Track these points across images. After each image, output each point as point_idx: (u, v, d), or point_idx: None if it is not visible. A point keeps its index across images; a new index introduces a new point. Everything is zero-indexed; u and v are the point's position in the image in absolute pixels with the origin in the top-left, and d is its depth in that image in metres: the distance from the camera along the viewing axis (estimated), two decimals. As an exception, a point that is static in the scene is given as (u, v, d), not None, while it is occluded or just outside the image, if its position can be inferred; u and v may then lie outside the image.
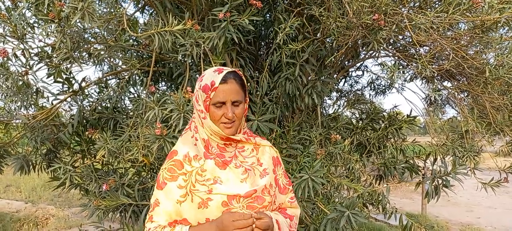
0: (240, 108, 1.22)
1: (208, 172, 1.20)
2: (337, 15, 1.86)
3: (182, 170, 1.21)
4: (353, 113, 3.90)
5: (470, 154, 2.83)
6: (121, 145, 2.09)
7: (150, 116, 1.73)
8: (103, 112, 2.62)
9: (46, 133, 2.56)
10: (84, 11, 1.31)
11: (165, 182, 1.21)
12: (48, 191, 7.85)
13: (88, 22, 1.34)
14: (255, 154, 1.30)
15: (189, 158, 1.22)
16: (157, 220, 1.21)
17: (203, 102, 1.21)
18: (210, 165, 1.21)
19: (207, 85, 1.20)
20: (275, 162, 1.35)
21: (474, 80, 2.79)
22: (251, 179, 1.23)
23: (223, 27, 1.83)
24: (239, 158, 1.26)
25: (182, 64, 2.63)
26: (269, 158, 1.33)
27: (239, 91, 1.21)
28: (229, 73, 1.21)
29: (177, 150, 1.26)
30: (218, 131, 1.21)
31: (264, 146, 1.34)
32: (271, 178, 1.28)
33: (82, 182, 2.31)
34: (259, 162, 1.29)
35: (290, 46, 2.08)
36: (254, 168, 1.27)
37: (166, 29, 1.53)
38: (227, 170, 1.22)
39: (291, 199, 1.38)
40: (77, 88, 2.61)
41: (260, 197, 1.21)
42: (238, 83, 1.21)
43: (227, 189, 1.18)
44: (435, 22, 2.02)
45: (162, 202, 1.20)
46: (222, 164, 1.22)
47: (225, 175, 1.21)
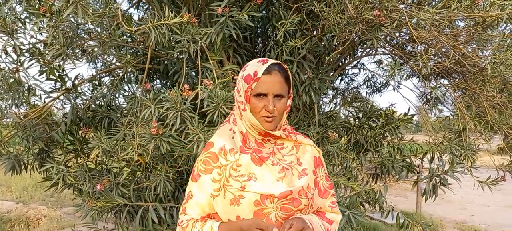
0: (282, 103, 1.16)
1: (243, 167, 1.16)
2: (338, 11, 1.83)
3: (217, 163, 1.18)
4: (350, 112, 3.88)
5: (468, 153, 2.82)
6: (115, 144, 2.03)
7: (146, 114, 1.68)
8: (97, 111, 2.56)
9: (38, 131, 2.49)
10: (76, 4, 1.25)
11: (199, 174, 1.18)
12: (40, 190, 7.74)
13: (82, 17, 1.29)
14: (295, 152, 1.23)
15: (224, 151, 1.19)
16: (190, 213, 1.18)
17: (244, 93, 1.15)
18: (246, 160, 1.16)
19: (250, 75, 1.14)
20: (317, 163, 1.27)
21: (472, 78, 2.78)
22: (288, 178, 1.16)
23: (222, 23, 1.79)
24: (277, 155, 1.20)
25: (178, 61, 2.58)
26: (310, 157, 1.25)
27: (282, 85, 1.16)
28: (274, 65, 1.15)
29: (213, 142, 1.22)
30: (257, 124, 1.15)
31: (306, 145, 1.27)
32: (310, 179, 1.21)
33: (75, 182, 2.25)
34: (299, 161, 1.22)
35: (290, 43, 2.04)
36: (293, 167, 1.20)
37: (162, 22, 1.48)
38: (263, 166, 1.16)
39: (332, 203, 1.30)
40: (70, 86, 2.55)
41: (296, 199, 1.14)
42: (282, 76, 1.16)
43: (261, 188, 1.13)
44: (436, 18, 2.00)
45: (196, 194, 1.17)
46: (259, 160, 1.17)
47: (260, 172, 1.15)
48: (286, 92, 1.18)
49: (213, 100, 1.58)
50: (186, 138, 1.68)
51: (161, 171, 2.01)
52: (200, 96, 1.70)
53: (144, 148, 1.77)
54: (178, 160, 2.17)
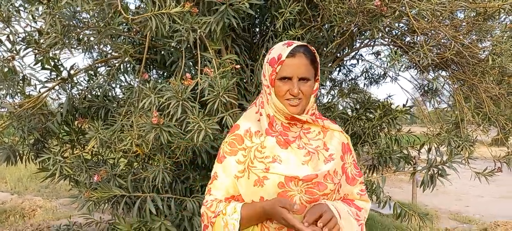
0: (307, 86, 1.14)
1: (268, 149, 1.15)
2: (338, 1, 1.80)
3: (242, 145, 1.18)
4: (348, 103, 3.87)
5: (466, 144, 2.82)
6: (113, 134, 2.01)
7: (146, 104, 1.66)
8: (93, 101, 2.52)
9: (34, 122, 2.45)
10: (75, -9, 1.22)
11: (224, 155, 1.18)
12: (35, 181, 7.69)
13: (80, 4, 1.26)
14: (322, 137, 1.21)
15: (250, 133, 1.19)
16: (214, 194, 1.18)
17: (269, 77, 1.14)
18: (271, 142, 1.16)
19: (274, 58, 1.13)
20: (345, 149, 1.24)
21: (471, 70, 2.77)
22: (313, 162, 1.15)
23: (222, 11, 1.76)
24: (303, 139, 1.19)
25: (175, 51, 2.54)
26: (338, 143, 1.23)
27: (308, 67, 1.14)
28: (299, 47, 1.14)
29: (239, 124, 1.22)
30: (282, 108, 1.14)
31: (334, 130, 1.25)
32: (337, 164, 1.18)
33: (72, 173, 2.22)
34: (325, 146, 1.20)
35: (291, 33, 2.01)
36: (319, 151, 1.18)
37: (163, 11, 1.45)
38: (289, 149, 1.15)
39: (361, 191, 1.27)
40: (66, 76, 2.51)
41: (321, 183, 1.12)
42: (308, 59, 1.14)
43: (286, 170, 1.11)
44: (437, 9, 1.98)
45: (220, 175, 1.18)
46: (284, 143, 1.16)
47: (285, 155, 1.14)
48: (312, 75, 1.16)
49: (214, 89, 1.55)
50: (186, 128, 1.66)
51: (159, 162, 1.99)
52: (200, 85, 1.67)
53: (143, 138, 1.74)
54: (176, 150, 2.15)
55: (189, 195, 2.43)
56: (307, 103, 1.18)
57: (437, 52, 2.53)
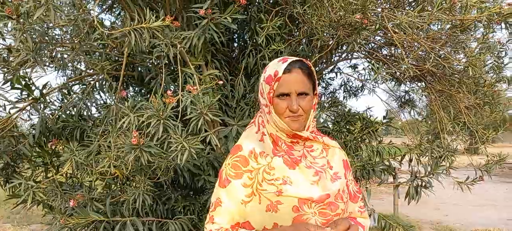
0: (306, 101, 1.10)
1: (277, 171, 1.09)
2: (320, 14, 1.80)
3: (248, 167, 1.11)
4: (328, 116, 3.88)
5: (447, 154, 2.86)
6: (89, 156, 1.90)
7: (125, 123, 1.58)
8: (67, 121, 2.41)
9: (3, 145, 2.31)
10: (48, 6, 1.15)
11: (228, 179, 1.10)
12: (4, 207, 7.31)
13: (53, 19, 1.18)
14: (325, 155, 1.18)
15: (255, 154, 1.12)
16: (218, 222, 1.09)
17: (267, 95, 1.11)
18: (279, 163, 1.10)
19: (271, 76, 1.10)
20: (345, 166, 1.23)
21: (448, 80, 2.83)
22: (322, 182, 1.10)
23: (204, 26, 1.71)
24: (308, 158, 1.15)
25: (154, 67, 2.47)
26: (340, 160, 1.21)
27: (305, 82, 1.10)
28: (295, 62, 1.10)
29: (241, 144, 1.15)
30: (284, 126, 1.10)
31: (334, 147, 1.23)
32: (343, 183, 1.16)
33: (45, 198, 2.09)
34: (330, 165, 1.17)
35: (273, 47, 1.99)
36: (325, 170, 1.14)
37: (143, 26, 1.39)
38: (297, 170, 1.10)
39: (361, 208, 1.26)
40: (38, 95, 2.38)
41: (333, 204, 1.09)
42: (305, 73, 1.11)
43: (298, 192, 1.06)
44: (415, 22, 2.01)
45: (225, 201, 1.09)
46: (291, 163, 1.11)
47: (294, 176, 1.09)
48: (310, 90, 1.13)
49: (197, 107, 1.49)
50: (168, 148, 1.59)
51: (139, 183, 1.90)
52: (181, 103, 1.61)
53: (122, 159, 1.65)
54: (157, 170, 2.06)
55: (170, 217, 2.33)
56: (307, 119, 1.14)
57: (415, 64, 2.57)
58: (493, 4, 1.91)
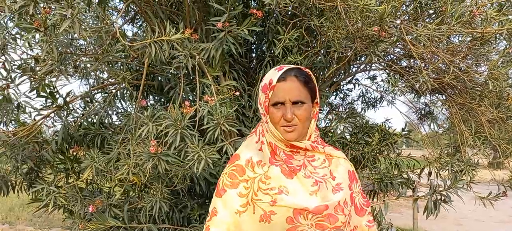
0: (302, 110, 1.08)
1: (273, 180, 1.07)
2: (338, 26, 1.81)
3: (244, 176, 1.10)
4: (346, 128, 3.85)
5: (468, 168, 2.80)
6: (109, 163, 1.96)
7: (144, 132, 1.62)
8: (89, 129, 2.48)
9: (28, 150, 2.40)
10: (73, 19, 1.20)
11: (224, 188, 1.09)
12: (27, 211, 7.52)
13: (78, 31, 1.24)
14: (327, 165, 1.14)
15: (252, 164, 1.11)
16: None
17: (263, 104, 1.10)
18: (276, 172, 1.09)
19: (266, 84, 1.09)
20: (351, 177, 1.17)
21: (469, 93, 2.78)
22: (322, 192, 1.07)
23: (221, 38, 1.75)
24: (308, 168, 1.11)
25: (173, 77, 2.52)
26: (344, 171, 1.16)
27: (301, 90, 1.08)
28: (290, 70, 1.09)
29: (240, 153, 1.15)
30: (279, 135, 1.08)
31: (338, 158, 1.18)
32: (346, 194, 1.11)
33: (66, 203, 2.15)
34: (332, 175, 1.13)
35: (290, 58, 2.01)
36: (326, 180, 1.10)
37: (163, 38, 1.44)
38: (295, 179, 1.08)
39: (369, 222, 1.19)
40: (61, 103, 2.47)
41: (332, 215, 1.05)
42: (301, 81, 1.09)
43: (294, 201, 1.03)
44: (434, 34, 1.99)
45: (220, 211, 1.08)
46: (289, 172, 1.09)
47: (292, 185, 1.07)
48: (307, 98, 1.11)
49: (214, 117, 1.52)
50: (185, 157, 1.62)
51: (157, 191, 1.93)
52: (199, 113, 1.64)
53: (140, 167, 1.69)
54: (174, 178, 2.09)
55: (186, 225, 2.36)
56: (304, 128, 1.11)
57: (434, 76, 2.54)
58: None
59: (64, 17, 1.21)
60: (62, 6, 1.29)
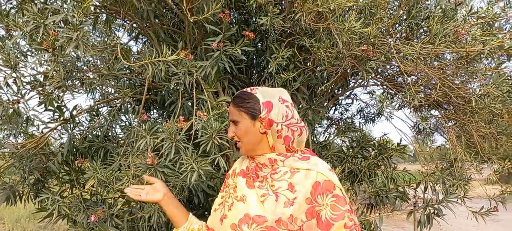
0: (237, 128, 1.21)
1: (238, 189, 1.22)
2: (327, 46, 1.91)
3: (228, 181, 1.29)
4: (344, 141, 3.92)
5: (460, 183, 2.86)
6: (111, 174, 2.06)
7: (142, 145, 1.73)
8: (93, 141, 2.59)
9: (35, 162, 2.51)
10: (79, 41, 1.32)
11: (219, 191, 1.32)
12: (33, 222, 7.64)
13: (83, 52, 1.36)
14: (288, 177, 1.17)
15: (234, 173, 1.29)
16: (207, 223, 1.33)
17: None
18: (242, 182, 1.23)
19: None
20: (319, 190, 1.13)
21: (461, 109, 2.85)
22: (268, 203, 1.14)
23: (216, 57, 1.87)
24: (268, 180, 1.19)
25: (174, 92, 2.64)
26: (310, 184, 1.14)
27: (233, 111, 1.23)
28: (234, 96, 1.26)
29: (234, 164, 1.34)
30: None
31: (308, 170, 1.17)
32: (297, 210, 1.12)
33: (70, 212, 2.25)
34: (292, 188, 1.15)
35: (283, 76, 2.11)
36: (280, 193, 1.14)
37: (159, 59, 1.56)
38: (252, 190, 1.19)
39: None
40: (68, 117, 2.59)
41: (273, 228, 1.11)
42: (235, 103, 1.23)
43: (243, 210, 1.15)
44: (421, 53, 2.09)
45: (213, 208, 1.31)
46: (251, 183, 1.21)
47: (250, 196, 1.18)
48: (242, 117, 1.21)
49: (207, 131, 1.63)
50: (180, 168, 1.73)
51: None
52: (194, 127, 1.75)
53: (139, 178, 1.80)
54: (173, 189, 2.19)
55: (185, 235, 2.44)
56: (249, 144, 1.22)
57: (427, 93, 2.62)
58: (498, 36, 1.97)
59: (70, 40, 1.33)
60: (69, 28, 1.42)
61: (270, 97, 1.21)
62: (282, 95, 1.24)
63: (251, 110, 1.20)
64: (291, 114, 1.22)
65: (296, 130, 1.21)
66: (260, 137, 1.20)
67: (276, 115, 1.19)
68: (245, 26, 3.10)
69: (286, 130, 1.20)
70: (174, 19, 2.45)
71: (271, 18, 1.95)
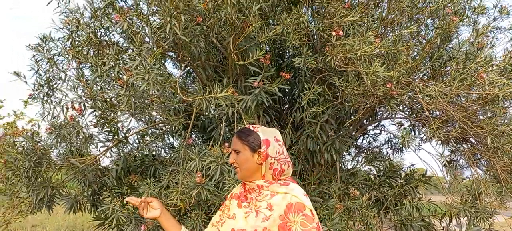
0: (238, 156, 1.48)
1: (231, 208, 1.51)
2: (354, 85, 2.17)
3: (224, 203, 1.56)
4: (371, 170, 4.06)
5: (483, 215, 2.96)
6: (160, 190, 2.37)
7: (192, 166, 2.03)
8: (143, 160, 2.94)
9: (92, 176, 2.88)
10: (150, 81, 1.66)
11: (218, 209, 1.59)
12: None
13: (152, 90, 1.69)
14: (268, 198, 1.45)
15: (231, 195, 1.56)
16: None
17: None
18: (234, 203, 1.51)
19: None
20: (292, 209, 1.40)
21: (485, 145, 2.98)
22: (250, 218, 1.43)
23: (256, 93, 2.16)
24: (253, 201, 1.47)
25: (215, 119, 2.95)
26: (285, 204, 1.41)
27: (237, 143, 1.49)
28: (238, 130, 1.53)
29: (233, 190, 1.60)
30: None
31: (285, 193, 1.44)
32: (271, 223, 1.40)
33: (121, 223, 2.57)
34: (270, 207, 1.43)
35: (313, 109, 2.38)
36: (260, 211, 1.43)
37: (212, 95, 1.87)
38: (240, 209, 1.49)
39: None
40: (122, 137, 2.96)
41: None
42: (238, 137, 1.49)
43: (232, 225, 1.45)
44: (438, 95, 2.28)
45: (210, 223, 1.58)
46: (239, 204, 1.50)
47: (239, 214, 1.47)
48: (244, 148, 1.47)
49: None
50: (223, 188, 2.01)
51: (197, 216, 2.32)
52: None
53: (186, 194, 2.09)
54: (212, 206, 2.47)
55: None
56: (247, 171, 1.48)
57: (448, 128, 2.78)
58: None
59: (142, 80, 1.67)
60: (138, 71, 1.75)
61: (268, 136, 1.50)
62: (276, 135, 1.53)
63: (252, 145, 1.48)
64: (282, 151, 1.51)
65: (284, 164, 1.50)
66: (256, 167, 1.47)
67: (271, 151, 1.47)
68: (280, 59, 3.40)
69: (276, 163, 1.48)
70: (218, 57, 2.79)
71: (305, 59, 2.23)
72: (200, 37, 2.10)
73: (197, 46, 2.10)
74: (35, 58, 2.51)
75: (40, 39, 2.48)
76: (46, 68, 2.55)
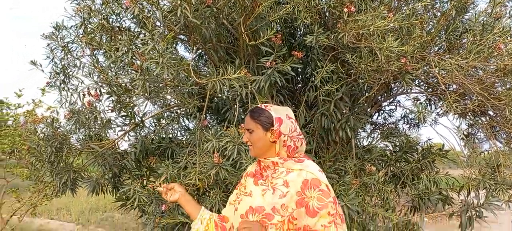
0: (250, 135, 1.52)
1: (247, 186, 1.55)
2: (368, 61, 2.15)
3: (241, 182, 1.61)
4: (387, 146, 4.05)
5: (502, 187, 2.93)
6: (178, 171, 2.43)
7: (209, 147, 2.07)
8: (160, 142, 3.00)
9: (111, 158, 2.96)
10: (164, 64, 1.68)
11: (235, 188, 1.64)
12: (95, 215, 8.41)
13: (166, 74, 1.72)
14: (284, 175, 1.48)
15: (246, 175, 1.61)
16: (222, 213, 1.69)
17: None
18: (250, 181, 1.56)
19: None
20: (308, 185, 1.44)
21: (504, 117, 2.93)
22: (267, 196, 1.46)
23: (269, 73, 2.17)
24: (269, 178, 1.51)
25: (228, 100, 2.98)
26: (301, 181, 1.45)
27: (249, 122, 1.53)
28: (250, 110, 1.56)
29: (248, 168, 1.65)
30: None
31: (300, 170, 1.47)
32: (289, 200, 1.42)
33: (142, 203, 2.65)
34: (286, 184, 1.45)
35: (326, 87, 2.37)
36: (277, 188, 1.46)
37: (225, 77, 1.89)
38: (256, 186, 1.52)
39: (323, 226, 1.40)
40: (139, 121, 3.02)
41: (269, 214, 1.43)
42: (250, 116, 1.53)
43: (249, 203, 1.49)
44: (460, 65, 2.24)
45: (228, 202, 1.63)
46: (256, 182, 1.53)
47: (255, 191, 1.51)
48: (257, 127, 1.51)
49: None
50: (240, 167, 2.05)
51: (216, 195, 2.38)
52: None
53: (204, 174, 2.14)
54: (229, 185, 2.52)
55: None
56: (260, 149, 1.52)
57: (465, 102, 2.74)
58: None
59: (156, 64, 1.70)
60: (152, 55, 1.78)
61: (280, 114, 1.52)
62: (288, 113, 1.55)
63: (264, 123, 1.51)
64: (294, 128, 1.54)
65: (297, 140, 1.53)
66: (269, 145, 1.51)
67: (284, 128, 1.50)
68: (291, 38, 3.38)
69: (290, 140, 1.51)
70: (229, 38, 2.79)
71: (316, 37, 2.22)
72: (210, 19, 2.10)
73: (208, 28, 2.11)
74: (49, 47, 2.57)
75: (53, 27, 2.53)
76: (61, 56, 2.61)
